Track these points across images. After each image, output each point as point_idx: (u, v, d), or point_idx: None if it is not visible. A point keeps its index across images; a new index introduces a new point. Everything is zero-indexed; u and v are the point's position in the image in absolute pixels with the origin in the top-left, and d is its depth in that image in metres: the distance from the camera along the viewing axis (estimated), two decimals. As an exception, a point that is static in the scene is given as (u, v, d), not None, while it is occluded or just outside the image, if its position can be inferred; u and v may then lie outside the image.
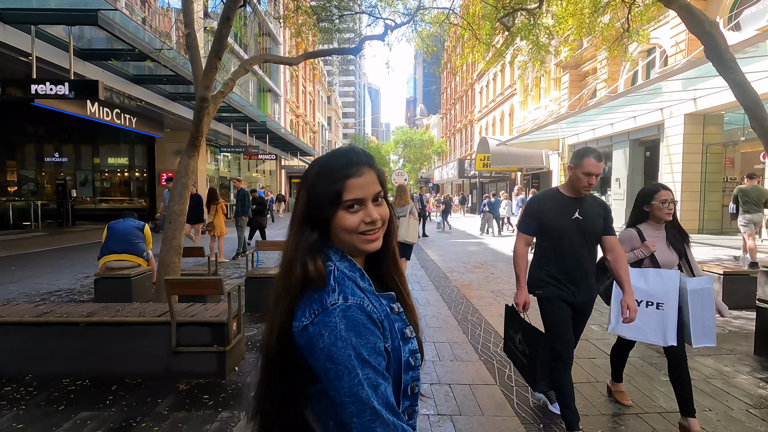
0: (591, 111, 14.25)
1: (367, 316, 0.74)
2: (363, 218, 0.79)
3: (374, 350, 0.72)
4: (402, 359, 0.80)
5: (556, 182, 22.63)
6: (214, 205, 8.41)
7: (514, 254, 2.58)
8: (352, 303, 0.74)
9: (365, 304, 0.75)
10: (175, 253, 4.15)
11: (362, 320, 0.73)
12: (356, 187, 0.79)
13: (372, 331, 0.73)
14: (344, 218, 0.79)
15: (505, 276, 7.16)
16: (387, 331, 0.78)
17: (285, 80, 33.75)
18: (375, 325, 0.75)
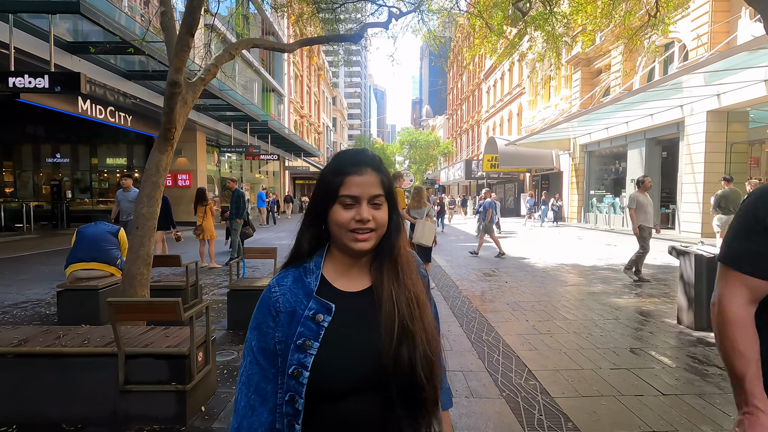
0: (606, 108, 13.54)
1: (266, 299, 0.84)
2: (354, 216, 0.81)
3: (258, 327, 0.83)
4: (287, 362, 0.79)
5: (567, 183, 21.92)
6: (202, 206, 7.85)
7: (723, 322, 1.04)
8: (271, 283, 0.85)
9: (272, 291, 0.84)
10: (143, 263, 3.56)
11: (264, 299, 0.84)
12: (354, 184, 0.82)
13: (263, 313, 0.83)
14: (337, 212, 0.82)
15: (520, 286, 6.51)
16: (281, 325, 0.81)
17: (289, 80, 33.29)
18: (269, 310, 0.82)
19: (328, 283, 0.85)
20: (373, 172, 0.83)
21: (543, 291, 6.13)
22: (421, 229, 5.74)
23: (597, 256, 9.39)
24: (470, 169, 30.31)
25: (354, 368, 0.78)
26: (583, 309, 5.11)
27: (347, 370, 0.78)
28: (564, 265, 8.26)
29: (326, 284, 0.85)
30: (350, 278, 0.87)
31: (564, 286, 6.47)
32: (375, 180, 0.83)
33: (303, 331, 0.79)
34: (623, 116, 15.61)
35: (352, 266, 0.87)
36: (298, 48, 5.45)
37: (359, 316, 0.83)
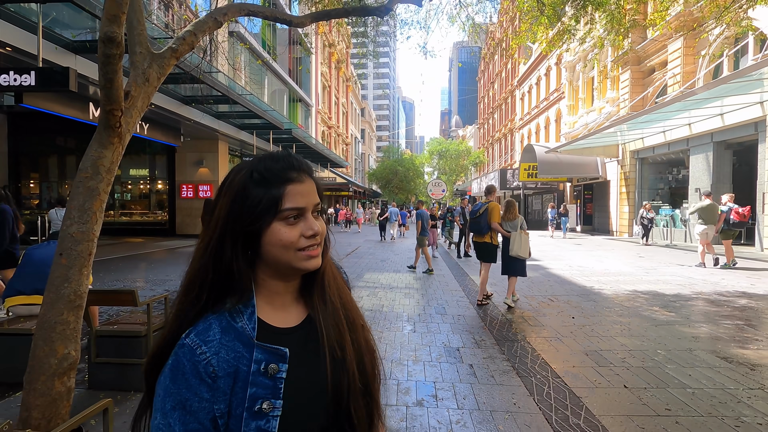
0: (668, 108, 11.81)
1: (193, 365, 0.63)
2: (303, 231, 0.69)
3: (183, 406, 0.61)
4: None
5: (614, 193, 19.96)
6: (209, 220, 6.82)
7: None
8: (186, 342, 0.64)
9: (200, 350, 0.63)
10: (68, 306, 2.44)
11: (185, 367, 0.63)
12: (298, 194, 0.69)
13: (189, 385, 0.62)
14: (280, 231, 0.67)
15: (593, 321, 5.05)
16: (221, 392, 0.63)
17: (317, 90, 32.83)
18: (200, 378, 0.62)
19: (265, 324, 0.69)
20: (309, 177, 0.72)
21: (640, 341, 4.64)
22: (518, 242, 5.67)
23: (677, 281, 7.73)
24: (505, 178, 28.62)
25: (320, 414, 0.69)
26: (711, 374, 3.63)
27: (315, 417, 0.68)
28: (639, 294, 6.68)
29: (264, 325, 0.69)
30: (286, 310, 0.73)
31: (658, 326, 4.95)
32: (314, 187, 0.72)
33: (256, 391, 0.65)
34: (685, 117, 13.78)
35: (285, 293, 0.74)
36: (311, 22, 4.33)
37: (308, 353, 0.71)
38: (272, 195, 0.67)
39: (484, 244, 6.02)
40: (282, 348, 0.67)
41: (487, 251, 6.02)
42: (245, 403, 0.64)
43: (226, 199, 0.69)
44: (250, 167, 0.70)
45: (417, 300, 6.30)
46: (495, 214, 5.81)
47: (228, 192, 0.69)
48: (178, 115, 12.52)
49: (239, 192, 0.68)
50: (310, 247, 0.69)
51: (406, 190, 46.42)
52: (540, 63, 31.16)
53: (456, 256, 11.73)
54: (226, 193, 0.70)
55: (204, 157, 16.44)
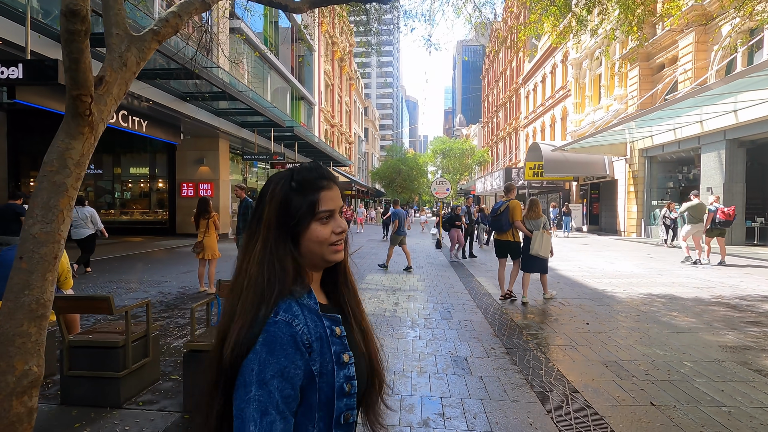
0: (680, 104, 11.42)
1: (291, 336, 0.72)
2: (333, 228, 0.83)
3: (281, 374, 0.70)
4: (335, 385, 0.77)
5: (622, 192, 19.57)
6: (205, 219, 6.54)
7: None
8: (280, 319, 0.73)
9: (294, 323, 0.74)
10: (29, 317, 2.16)
11: (283, 339, 0.72)
12: (329, 198, 0.82)
13: (287, 354, 0.71)
14: (317, 229, 0.81)
15: (609, 328, 4.74)
16: (316, 354, 0.76)
17: (320, 88, 32.56)
18: (297, 347, 0.73)
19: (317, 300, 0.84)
20: (335, 184, 0.85)
21: (662, 351, 4.33)
22: (540, 240, 5.75)
23: (693, 283, 7.39)
24: (510, 177, 28.21)
25: (362, 362, 0.85)
26: (737, 384, 3.32)
27: (362, 364, 0.84)
28: (655, 297, 6.35)
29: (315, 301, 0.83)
30: (318, 293, 0.86)
31: (679, 334, 4.63)
32: (338, 192, 0.85)
33: (336, 348, 0.79)
34: (697, 114, 13.40)
35: (314, 281, 0.87)
36: (308, 8, 4.05)
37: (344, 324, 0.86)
38: (310, 200, 0.80)
39: (506, 242, 6.08)
40: (336, 315, 0.84)
41: (509, 249, 6.08)
42: (333, 359, 0.78)
43: (273, 205, 0.81)
44: (288, 177, 0.82)
45: (421, 303, 6.00)
46: (517, 212, 5.88)
47: (273, 199, 0.81)
48: (176, 111, 12.27)
49: (283, 199, 0.80)
50: (338, 242, 0.83)
51: (409, 189, 46.07)
52: (545, 60, 30.75)
53: (461, 257, 11.42)
54: (270, 201, 0.81)
55: (205, 156, 16.20)
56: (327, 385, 0.76)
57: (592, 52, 22.64)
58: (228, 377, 0.73)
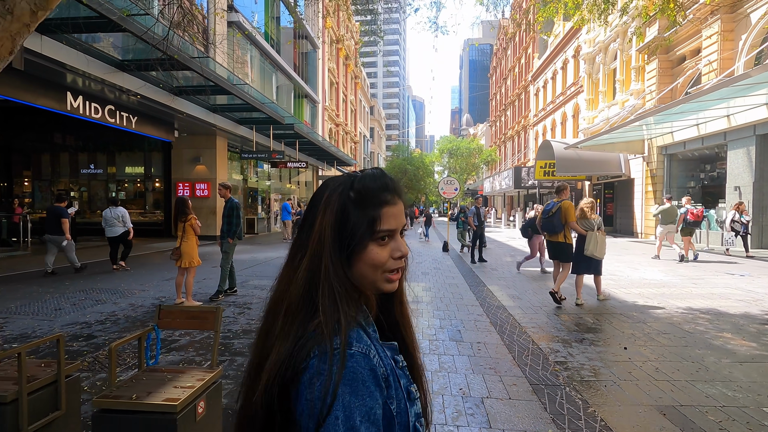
0: (708, 96, 10.49)
1: (371, 371, 0.62)
2: (392, 253, 0.70)
3: (369, 417, 0.60)
4: (409, 425, 0.67)
5: (639, 192, 18.60)
6: (182, 222, 5.81)
7: None
8: (356, 351, 0.62)
9: (372, 355, 0.64)
10: None
11: (364, 375, 0.61)
12: (391, 216, 0.70)
13: (371, 392, 0.61)
14: (374, 252, 0.69)
15: (653, 354, 3.94)
16: (392, 390, 0.66)
17: (324, 86, 31.86)
18: (378, 383, 0.62)
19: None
20: (400, 199, 0.73)
21: (729, 390, 3.51)
22: (594, 241, 5.68)
23: (736, 295, 6.52)
24: (519, 177, 27.31)
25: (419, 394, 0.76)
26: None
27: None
28: (698, 313, 5.50)
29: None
30: None
31: (743, 364, 3.80)
32: (402, 208, 0.73)
33: (404, 381, 0.71)
34: (723, 108, 12.45)
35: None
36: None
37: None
38: (370, 216, 0.69)
39: (557, 243, 5.96)
40: (394, 342, 0.75)
41: (562, 250, 5.98)
42: (404, 394, 0.68)
43: (327, 216, 0.69)
44: (348, 185, 0.71)
45: (426, 319, 5.21)
46: (571, 212, 5.80)
47: (327, 209, 0.69)
48: (168, 107, 11.57)
49: (339, 211, 0.69)
50: (395, 270, 0.71)
51: (416, 189, 45.26)
52: (556, 56, 29.78)
53: (470, 261, 10.61)
54: (325, 210, 0.70)
55: (201, 154, 15.53)
56: (401, 426, 0.66)
57: (606, 45, 21.69)
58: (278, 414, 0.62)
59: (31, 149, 16.58)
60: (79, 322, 4.85)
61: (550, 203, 6.11)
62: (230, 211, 6.37)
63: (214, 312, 2.52)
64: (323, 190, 0.73)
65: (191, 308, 2.58)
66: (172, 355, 3.85)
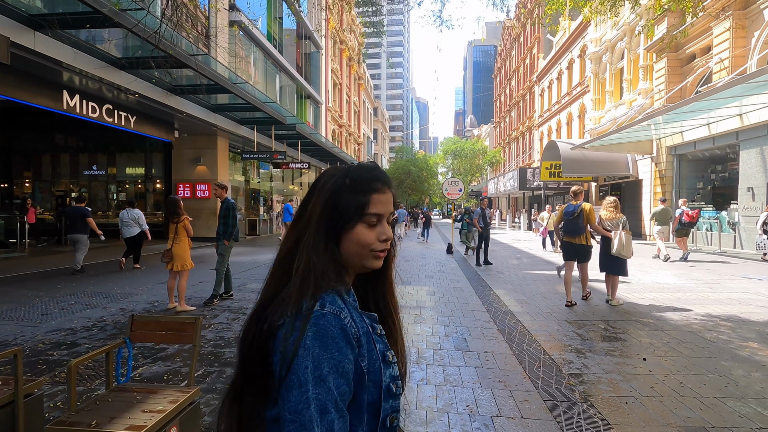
0: (722, 93, 10.15)
1: (341, 330, 0.68)
2: (378, 235, 0.78)
3: (336, 369, 0.66)
4: (382, 384, 0.73)
5: (647, 194, 18.23)
6: (174, 223, 5.58)
7: None
8: (327, 311, 0.69)
9: (342, 316, 0.70)
10: None
11: (333, 332, 0.67)
12: (380, 202, 0.78)
13: (340, 348, 0.67)
14: (362, 232, 0.77)
15: (675, 366, 3.65)
16: (364, 349, 0.72)
17: (327, 87, 31.68)
18: (348, 341, 0.68)
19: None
20: (389, 189, 0.82)
21: (762, 408, 3.21)
22: (619, 241, 5.76)
23: (756, 300, 6.20)
24: (525, 178, 26.96)
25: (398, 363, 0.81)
26: None
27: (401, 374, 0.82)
28: (718, 320, 5.19)
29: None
30: None
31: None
32: (391, 198, 0.82)
33: (380, 346, 0.76)
34: (736, 107, 12.11)
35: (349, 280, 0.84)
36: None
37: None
38: (360, 200, 0.77)
39: (579, 245, 5.97)
40: (373, 313, 0.81)
41: (583, 252, 6.01)
42: (379, 356, 0.73)
43: (321, 197, 0.78)
44: (343, 173, 0.80)
45: (430, 326, 4.94)
46: (593, 215, 5.89)
47: (321, 193, 0.78)
48: (167, 106, 11.37)
49: (332, 194, 0.77)
50: (381, 250, 0.79)
51: (419, 190, 44.96)
52: (561, 56, 29.44)
53: (475, 264, 10.32)
54: (319, 194, 0.78)
55: (202, 154, 15.34)
56: (374, 384, 0.72)
57: (613, 44, 21.35)
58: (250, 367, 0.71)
59: (32, 150, 16.45)
60: (64, 329, 4.62)
61: (570, 206, 6.10)
62: (226, 211, 6.14)
63: (192, 323, 2.27)
64: (322, 176, 0.81)
65: (168, 319, 2.33)
66: (157, 365, 3.60)
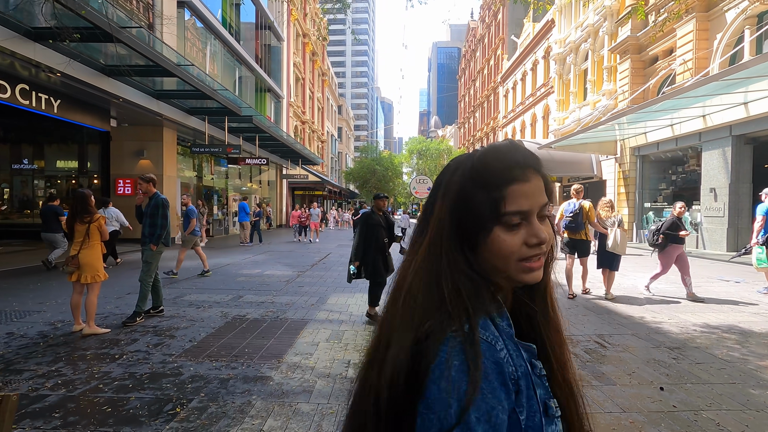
0: (689, 93, 10.00)
1: (495, 365, 0.53)
2: (526, 239, 0.60)
3: (489, 419, 0.49)
4: None
5: (612, 194, 18.34)
6: (83, 224, 4.43)
7: None
8: (481, 338, 0.54)
9: (498, 347, 0.55)
10: None
11: (486, 367, 0.52)
12: (521, 195, 0.60)
13: (493, 389, 0.51)
14: (500, 238, 0.59)
15: (696, 394, 3.03)
16: (523, 396, 0.55)
17: (289, 81, 30.29)
18: (503, 381, 0.52)
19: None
20: (537, 174, 0.62)
21: None
22: (614, 238, 6.09)
23: (749, 309, 5.80)
24: (490, 178, 26.76)
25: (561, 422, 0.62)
26: None
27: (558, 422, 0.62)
28: (720, 331, 4.68)
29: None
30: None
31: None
32: (541, 185, 0.62)
33: (541, 392, 0.59)
34: (699, 107, 12.14)
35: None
36: None
37: None
38: (493, 197, 0.60)
39: (579, 240, 6.32)
40: (531, 345, 0.62)
41: (583, 246, 6.35)
42: (540, 407, 0.57)
43: (447, 202, 0.63)
44: (469, 163, 0.64)
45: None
46: (592, 213, 6.24)
47: (447, 194, 0.63)
48: (100, 89, 9.91)
49: (458, 194, 0.62)
50: (533, 258, 0.61)
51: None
52: (526, 57, 29.61)
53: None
54: (444, 196, 0.64)
55: (145, 147, 13.80)
56: None
57: (577, 46, 21.49)
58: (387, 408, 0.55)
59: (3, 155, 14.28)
60: None
61: (571, 204, 6.40)
62: (154, 209, 5.04)
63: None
64: (444, 172, 0.66)
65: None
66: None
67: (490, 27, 40.64)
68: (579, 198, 6.40)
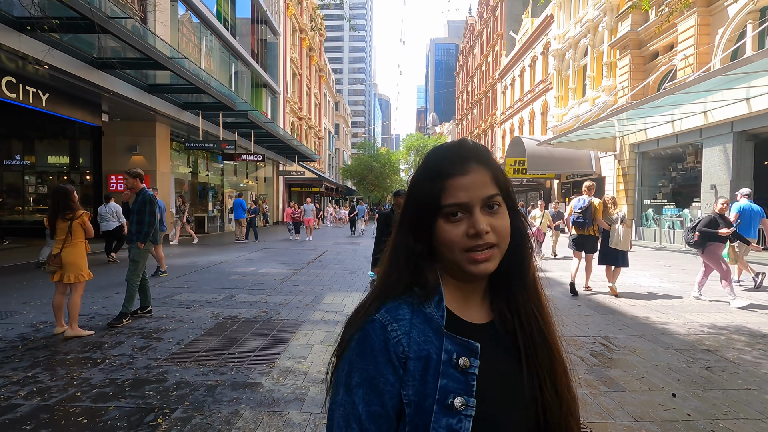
0: (691, 88, 9.83)
1: (383, 343, 0.59)
2: (467, 229, 0.62)
3: (369, 384, 0.57)
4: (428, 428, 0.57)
5: (611, 191, 18.19)
6: (65, 220, 4.22)
7: None
8: (377, 318, 0.61)
9: (390, 327, 0.60)
10: None
11: (374, 342, 0.59)
12: (460, 188, 0.63)
13: (377, 363, 0.58)
14: (444, 229, 0.63)
15: (712, 401, 2.88)
16: (411, 376, 0.58)
17: (285, 77, 29.96)
18: (388, 358, 0.58)
19: (454, 315, 0.65)
20: (479, 167, 0.64)
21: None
22: (617, 234, 6.08)
23: (757, 309, 5.66)
24: (488, 175, 26.59)
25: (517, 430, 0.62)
26: None
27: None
28: (729, 333, 4.53)
29: (451, 315, 0.64)
30: (468, 306, 0.68)
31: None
32: (485, 177, 0.64)
33: (447, 384, 0.59)
34: (700, 103, 11.98)
35: (469, 294, 0.68)
36: None
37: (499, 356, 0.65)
38: (433, 191, 0.64)
39: (587, 236, 6.36)
40: (473, 342, 0.62)
41: (590, 242, 6.40)
42: (436, 395, 0.58)
43: (408, 193, 0.68)
44: (424, 159, 0.69)
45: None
46: (599, 210, 6.25)
47: (408, 188, 0.69)
48: (90, 83, 9.64)
49: (413, 185, 0.67)
50: (475, 249, 0.62)
51: (381, 186, 44.05)
52: (524, 53, 29.39)
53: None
54: (408, 189, 0.70)
55: (138, 142, 13.54)
56: (415, 426, 0.57)
57: (576, 41, 21.30)
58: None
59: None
60: None
61: (581, 200, 6.42)
62: (141, 206, 4.83)
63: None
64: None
65: None
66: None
67: (489, 23, 40.36)
68: (591, 194, 6.46)
